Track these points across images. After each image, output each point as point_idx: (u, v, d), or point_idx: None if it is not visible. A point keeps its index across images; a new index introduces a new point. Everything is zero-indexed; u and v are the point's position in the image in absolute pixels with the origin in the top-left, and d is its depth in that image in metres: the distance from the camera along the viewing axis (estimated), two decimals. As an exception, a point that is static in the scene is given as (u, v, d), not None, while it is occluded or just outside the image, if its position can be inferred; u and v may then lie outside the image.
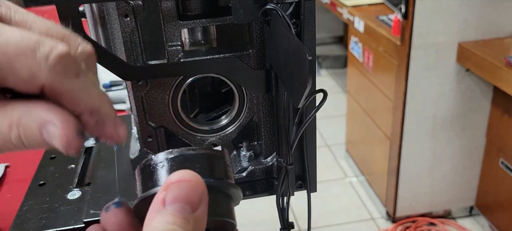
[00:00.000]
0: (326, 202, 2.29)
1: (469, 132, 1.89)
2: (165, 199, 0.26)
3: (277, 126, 0.53)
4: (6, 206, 0.60)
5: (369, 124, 2.17)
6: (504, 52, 1.57)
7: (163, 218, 0.25)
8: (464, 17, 1.65)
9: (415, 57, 1.70)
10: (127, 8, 0.45)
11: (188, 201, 0.26)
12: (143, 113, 0.51)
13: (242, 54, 0.49)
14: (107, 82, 0.96)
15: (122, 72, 0.46)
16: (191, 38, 0.50)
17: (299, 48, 0.35)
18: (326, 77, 3.64)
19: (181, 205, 0.25)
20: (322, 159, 2.61)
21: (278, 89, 0.49)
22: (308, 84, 0.33)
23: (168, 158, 0.29)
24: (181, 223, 0.25)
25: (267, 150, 0.55)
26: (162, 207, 0.25)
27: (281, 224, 0.52)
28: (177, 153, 0.29)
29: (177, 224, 0.25)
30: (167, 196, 0.26)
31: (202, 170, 0.28)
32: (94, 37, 0.52)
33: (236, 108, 0.54)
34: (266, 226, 2.10)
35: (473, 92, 1.80)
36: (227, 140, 0.55)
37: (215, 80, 0.56)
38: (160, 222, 0.25)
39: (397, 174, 1.96)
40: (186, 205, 0.26)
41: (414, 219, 2.09)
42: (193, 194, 0.26)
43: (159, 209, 0.26)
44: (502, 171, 1.81)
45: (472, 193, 2.05)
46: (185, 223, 0.25)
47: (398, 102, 1.84)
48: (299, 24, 0.42)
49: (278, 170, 0.55)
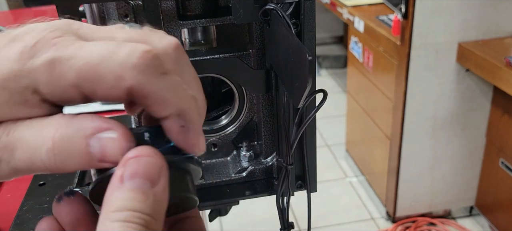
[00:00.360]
0: (326, 202, 2.29)
1: (469, 132, 1.89)
2: (123, 175, 0.25)
3: (277, 126, 0.53)
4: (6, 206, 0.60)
5: (369, 124, 2.17)
6: (504, 52, 1.57)
7: (121, 194, 0.24)
8: (464, 17, 1.65)
9: (415, 57, 1.70)
10: (127, 8, 0.45)
11: (147, 176, 0.25)
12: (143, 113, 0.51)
13: (242, 54, 0.49)
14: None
15: (122, 72, 0.46)
16: (191, 38, 0.50)
17: (299, 48, 0.35)
18: (326, 77, 3.64)
19: (139, 180, 0.25)
20: (322, 159, 2.61)
21: (278, 89, 0.49)
22: (308, 84, 0.33)
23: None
24: (140, 198, 0.25)
25: (267, 150, 0.55)
26: (120, 184, 0.25)
27: (281, 224, 0.52)
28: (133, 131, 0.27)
29: (136, 200, 0.24)
30: (125, 172, 0.25)
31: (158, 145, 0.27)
32: (94, 37, 0.51)
33: (236, 108, 0.54)
34: (266, 226, 2.10)
35: (473, 92, 1.80)
36: (227, 140, 0.55)
37: (215, 80, 0.56)
38: (118, 199, 0.24)
39: (397, 174, 1.96)
40: (144, 180, 0.25)
41: (414, 219, 2.09)
42: (152, 169, 0.25)
43: (117, 186, 0.25)
44: (502, 171, 1.81)
45: (472, 193, 2.05)
46: (144, 198, 0.25)
47: (398, 102, 1.84)
48: (299, 24, 0.42)
49: (278, 170, 0.55)
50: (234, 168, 0.56)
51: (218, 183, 0.55)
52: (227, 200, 0.55)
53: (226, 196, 0.54)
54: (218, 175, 0.55)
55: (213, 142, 0.55)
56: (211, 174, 0.55)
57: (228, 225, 2.14)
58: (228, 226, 2.13)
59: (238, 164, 0.56)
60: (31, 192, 0.58)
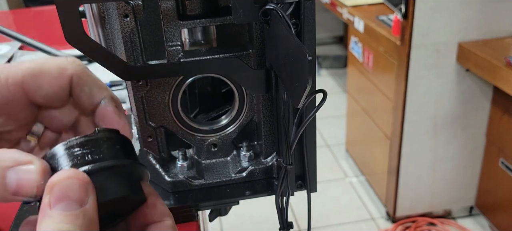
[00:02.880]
0: (326, 202, 2.29)
1: (469, 132, 1.89)
2: (49, 201, 0.25)
3: (277, 126, 0.53)
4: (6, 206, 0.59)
5: (369, 124, 2.17)
6: (504, 52, 1.57)
7: (50, 220, 0.25)
8: (464, 17, 1.65)
9: (415, 57, 1.70)
10: (127, 8, 0.45)
11: (73, 198, 0.25)
12: (143, 113, 0.51)
13: (242, 54, 0.49)
14: (107, 82, 0.96)
15: (122, 72, 0.46)
16: (191, 38, 0.50)
17: (299, 48, 0.35)
18: (326, 77, 3.64)
19: (66, 203, 0.25)
20: (322, 159, 2.61)
21: (278, 89, 0.49)
22: (308, 84, 0.33)
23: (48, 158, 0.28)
24: (70, 219, 0.25)
25: (267, 150, 0.55)
26: (49, 210, 0.25)
27: (280, 224, 0.52)
28: (49, 154, 0.28)
29: (66, 222, 0.25)
30: (51, 198, 0.25)
31: (81, 159, 0.28)
32: (94, 37, 0.52)
33: (236, 108, 0.54)
34: (266, 226, 2.10)
35: (473, 92, 1.80)
36: (227, 140, 0.55)
37: (215, 80, 0.56)
38: (49, 224, 0.25)
39: (397, 174, 1.96)
40: (71, 202, 0.25)
41: (414, 219, 2.09)
42: (77, 190, 0.26)
43: (46, 212, 0.25)
44: (502, 171, 1.81)
45: (472, 193, 2.05)
46: (74, 219, 0.25)
47: (398, 102, 1.84)
48: (299, 24, 0.42)
49: (278, 170, 0.55)
50: (234, 168, 0.56)
51: (218, 183, 0.55)
52: (227, 200, 0.55)
53: (226, 196, 0.54)
54: (218, 175, 0.55)
55: (213, 142, 0.55)
56: (211, 174, 0.55)
57: (228, 225, 2.14)
58: (228, 226, 2.13)
59: (238, 164, 0.56)
60: (31, 192, 0.58)
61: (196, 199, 0.54)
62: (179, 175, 0.54)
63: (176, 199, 0.54)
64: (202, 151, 0.56)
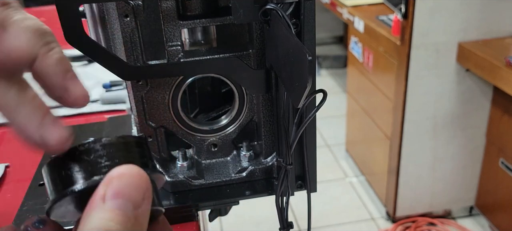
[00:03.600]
0: (326, 202, 2.29)
1: (469, 132, 1.89)
2: (105, 194, 0.24)
3: (277, 126, 0.53)
4: (6, 206, 0.60)
5: (369, 124, 2.17)
6: (504, 52, 1.57)
7: (101, 214, 0.23)
8: (464, 17, 1.65)
9: (415, 57, 1.70)
10: (127, 8, 0.45)
11: (130, 198, 0.24)
12: (143, 113, 0.51)
13: (242, 54, 0.49)
14: (107, 82, 0.96)
15: (122, 72, 0.46)
16: (191, 38, 0.50)
17: (299, 48, 0.35)
18: (326, 77, 3.64)
19: (122, 201, 0.24)
20: (322, 159, 2.61)
21: (278, 89, 0.49)
22: (308, 84, 0.33)
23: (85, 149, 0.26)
24: (121, 220, 0.23)
25: (267, 150, 0.55)
26: (101, 203, 0.23)
27: (280, 224, 0.52)
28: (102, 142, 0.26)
29: (115, 221, 0.23)
30: (107, 191, 0.24)
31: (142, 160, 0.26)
32: (94, 37, 0.52)
33: (236, 108, 0.54)
34: (266, 226, 2.10)
35: (473, 92, 1.80)
36: (227, 140, 0.55)
37: (215, 80, 0.56)
38: (98, 219, 0.23)
39: (397, 174, 1.96)
40: (127, 201, 0.24)
41: (414, 219, 2.09)
42: (136, 190, 0.24)
43: (98, 205, 0.23)
44: (502, 171, 1.81)
45: (472, 193, 2.05)
46: (125, 220, 0.23)
47: (398, 102, 1.84)
48: (299, 24, 0.42)
49: (278, 170, 0.55)
50: (234, 168, 0.56)
51: (218, 183, 0.55)
52: (227, 200, 0.55)
53: (226, 196, 0.54)
54: (218, 175, 0.55)
55: (213, 142, 0.55)
56: (211, 174, 0.55)
57: (228, 225, 2.14)
58: (228, 226, 2.13)
59: (238, 164, 0.56)
60: (31, 192, 0.58)
61: (196, 199, 0.54)
62: (179, 175, 0.54)
63: (176, 199, 0.54)
64: (202, 151, 0.56)
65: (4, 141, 0.78)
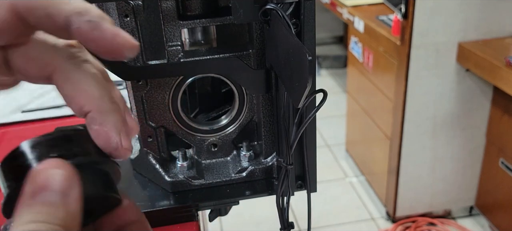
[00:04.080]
0: (326, 202, 2.29)
1: (469, 132, 1.89)
2: (30, 191, 0.24)
3: (277, 126, 0.53)
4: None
5: (369, 124, 2.17)
6: (504, 52, 1.57)
7: (30, 209, 0.24)
8: (464, 17, 1.65)
9: (415, 57, 1.70)
10: (127, 8, 0.45)
11: (55, 188, 0.24)
12: (143, 113, 0.51)
13: (242, 54, 0.49)
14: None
15: (122, 72, 0.46)
16: (191, 38, 0.50)
17: (299, 48, 0.35)
18: (326, 77, 3.64)
19: (48, 193, 0.24)
20: (322, 159, 2.61)
21: (278, 89, 0.49)
22: (308, 84, 0.33)
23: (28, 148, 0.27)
24: (50, 210, 0.24)
25: (267, 150, 0.55)
26: (28, 200, 0.24)
27: (281, 224, 0.52)
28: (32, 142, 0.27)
29: (46, 213, 0.24)
30: (32, 187, 0.24)
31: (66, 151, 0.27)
32: (94, 37, 0.51)
33: (236, 108, 0.54)
34: (266, 226, 2.10)
35: (473, 92, 1.80)
36: (227, 140, 0.55)
37: (215, 80, 0.56)
38: (28, 214, 0.23)
39: (397, 174, 1.96)
40: (53, 192, 0.24)
41: (414, 219, 2.09)
42: (60, 181, 0.25)
43: (25, 200, 0.24)
44: (502, 171, 1.81)
45: (472, 193, 2.05)
46: (55, 210, 0.24)
47: (398, 102, 1.84)
48: (299, 24, 0.42)
49: (278, 170, 0.55)
50: (234, 168, 0.56)
51: (218, 183, 0.55)
52: (227, 200, 0.55)
53: (226, 196, 0.54)
54: (218, 175, 0.55)
55: (213, 142, 0.55)
56: (211, 174, 0.55)
57: (228, 225, 2.14)
58: (228, 226, 2.13)
59: (238, 164, 0.56)
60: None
61: (196, 199, 0.54)
62: (179, 175, 0.54)
63: (176, 199, 0.54)
64: (202, 151, 0.56)
65: (4, 141, 0.78)
